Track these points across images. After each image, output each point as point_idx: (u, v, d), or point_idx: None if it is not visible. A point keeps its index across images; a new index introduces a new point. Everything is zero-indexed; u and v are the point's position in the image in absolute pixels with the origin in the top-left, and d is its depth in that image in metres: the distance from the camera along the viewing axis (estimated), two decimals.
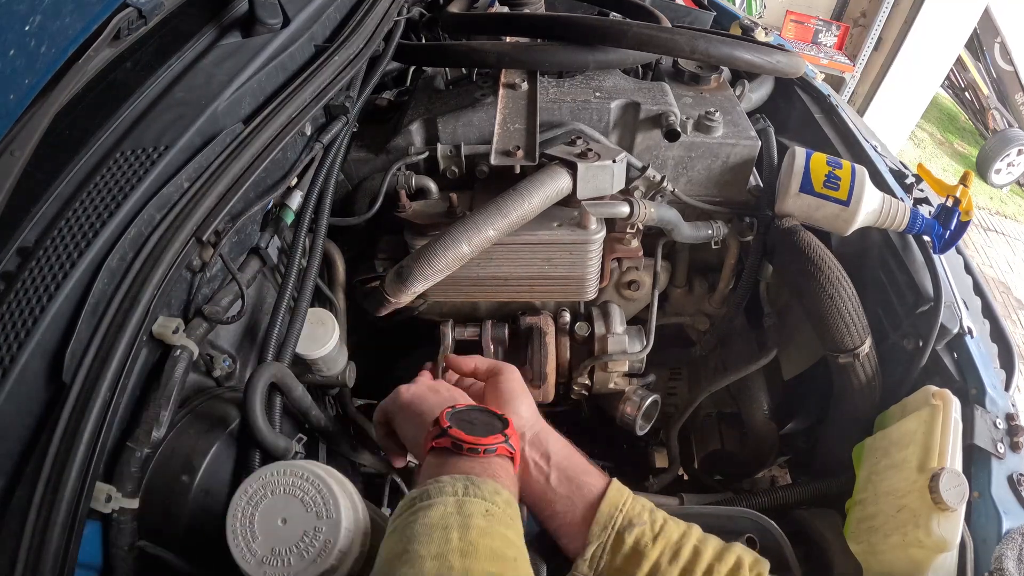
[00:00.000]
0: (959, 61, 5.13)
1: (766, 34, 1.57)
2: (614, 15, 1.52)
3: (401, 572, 0.47)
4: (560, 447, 0.70)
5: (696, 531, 0.64)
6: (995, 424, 0.85)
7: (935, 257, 1.02)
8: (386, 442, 0.77)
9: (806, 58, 1.34)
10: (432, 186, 1.08)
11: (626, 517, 0.63)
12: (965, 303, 0.99)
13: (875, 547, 0.80)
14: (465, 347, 1.16)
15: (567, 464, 0.68)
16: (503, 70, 1.17)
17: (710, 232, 1.14)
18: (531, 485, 0.67)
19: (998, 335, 1.01)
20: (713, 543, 0.62)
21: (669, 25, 1.22)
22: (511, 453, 0.61)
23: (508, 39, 1.32)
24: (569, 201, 0.99)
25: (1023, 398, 0.95)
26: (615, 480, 0.67)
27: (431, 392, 0.73)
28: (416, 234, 1.03)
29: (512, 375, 0.76)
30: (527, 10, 1.41)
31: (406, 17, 1.32)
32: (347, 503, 0.58)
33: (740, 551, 0.61)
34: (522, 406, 0.72)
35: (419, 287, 0.91)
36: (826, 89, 1.45)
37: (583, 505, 0.64)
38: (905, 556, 0.75)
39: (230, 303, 0.78)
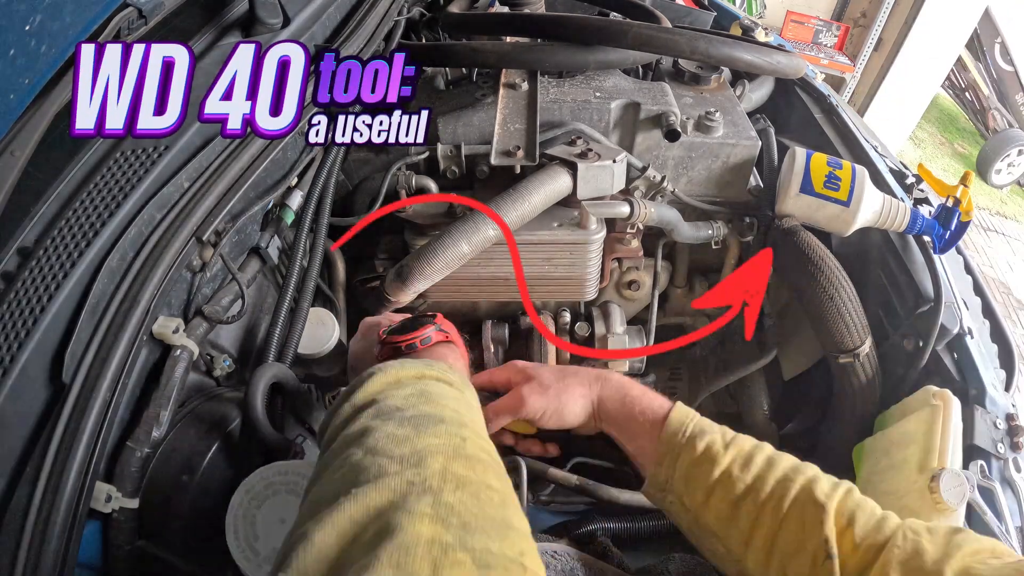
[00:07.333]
0: (959, 61, 5.11)
1: (766, 34, 1.57)
2: (614, 15, 1.52)
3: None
4: (626, 381, 0.73)
5: (768, 447, 0.64)
6: (995, 424, 0.85)
7: (935, 257, 1.02)
8: None
9: (806, 58, 1.34)
10: (432, 186, 1.08)
11: (697, 425, 0.65)
12: (965, 303, 0.99)
13: None
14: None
15: (637, 393, 0.71)
16: (503, 70, 1.17)
17: (710, 232, 1.14)
18: (610, 415, 0.71)
19: (998, 335, 1.01)
20: (788, 458, 0.62)
21: (669, 25, 1.22)
22: (447, 336, 0.69)
23: (508, 39, 1.32)
24: (569, 201, 0.99)
25: (1023, 398, 0.95)
26: (679, 402, 0.70)
27: (366, 330, 0.77)
28: (416, 234, 1.03)
29: (525, 371, 0.76)
30: (527, 10, 1.41)
31: (406, 17, 1.32)
32: None
33: (816, 470, 0.61)
34: (570, 370, 0.75)
35: (419, 286, 0.91)
36: (826, 89, 1.45)
37: (654, 419, 0.67)
38: None
39: (230, 303, 0.78)
